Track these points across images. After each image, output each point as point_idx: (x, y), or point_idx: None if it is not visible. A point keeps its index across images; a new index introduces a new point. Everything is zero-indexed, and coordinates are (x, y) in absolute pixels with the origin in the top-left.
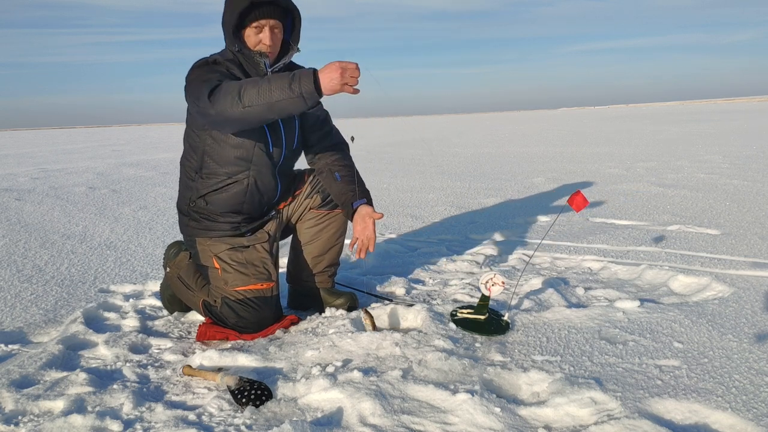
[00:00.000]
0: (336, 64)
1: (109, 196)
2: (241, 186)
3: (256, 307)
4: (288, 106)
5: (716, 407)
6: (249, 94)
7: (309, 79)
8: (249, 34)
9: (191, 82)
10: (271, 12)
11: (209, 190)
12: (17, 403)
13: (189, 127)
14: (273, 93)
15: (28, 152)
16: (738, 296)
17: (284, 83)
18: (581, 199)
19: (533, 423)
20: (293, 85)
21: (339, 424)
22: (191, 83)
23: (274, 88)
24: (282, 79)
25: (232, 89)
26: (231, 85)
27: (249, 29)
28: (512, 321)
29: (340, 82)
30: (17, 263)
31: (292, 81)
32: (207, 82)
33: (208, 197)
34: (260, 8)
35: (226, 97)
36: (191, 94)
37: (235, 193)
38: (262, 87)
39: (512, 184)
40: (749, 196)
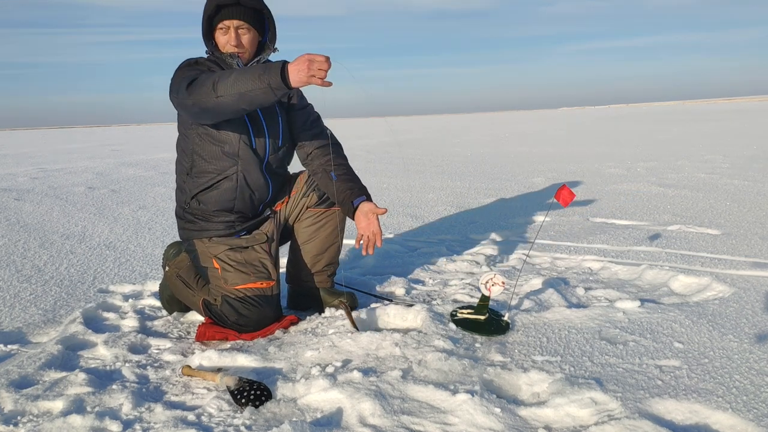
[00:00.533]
0: (304, 57)
1: (109, 196)
2: (231, 182)
3: (256, 305)
4: (258, 96)
5: (717, 407)
6: (222, 84)
7: (277, 71)
8: (218, 36)
9: (174, 80)
10: (236, 13)
11: (200, 189)
12: (16, 403)
13: (179, 130)
14: (245, 84)
15: (27, 152)
16: (738, 296)
17: (255, 74)
18: (567, 193)
19: (533, 423)
20: (263, 77)
21: (339, 425)
22: (174, 81)
23: (245, 79)
24: (254, 70)
25: (208, 80)
26: (208, 76)
27: (217, 31)
28: (512, 321)
29: (307, 74)
30: (16, 263)
31: (262, 73)
32: (187, 77)
33: (200, 196)
34: (225, 10)
35: (202, 87)
36: (172, 90)
37: (225, 190)
38: (236, 78)
39: (512, 184)
40: (750, 196)
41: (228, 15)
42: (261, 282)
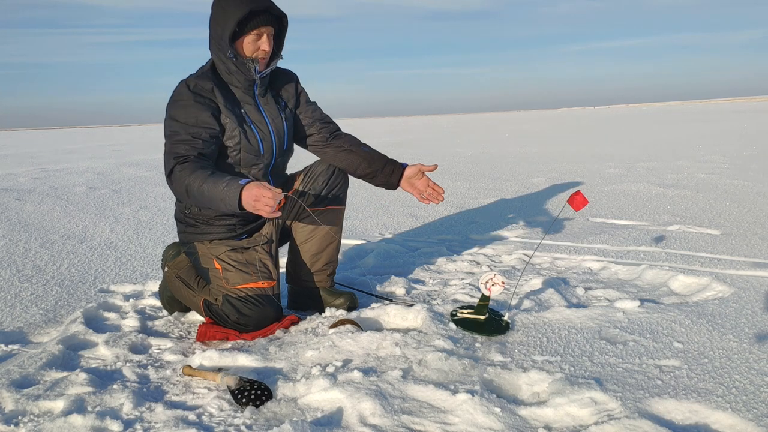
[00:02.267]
0: (256, 190)
1: (110, 196)
2: None
3: (257, 304)
4: (223, 210)
5: (716, 407)
6: (194, 194)
7: (234, 197)
8: (248, 41)
9: (165, 128)
10: (269, 19)
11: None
12: (17, 403)
13: None
14: (212, 202)
15: (28, 152)
16: (738, 296)
17: (217, 194)
18: (581, 199)
19: (533, 423)
20: (223, 200)
21: (339, 424)
22: (165, 130)
23: (212, 197)
24: (217, 190)
25: (182, 182)
26: (183, 176)
27: (248, 36)
28: (512, 321)
29: (254, 207)
30: (17, 263)
31: (223, 197)
32: (173, 145)
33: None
34: (261, 17)
35: (179, 188)
36: (164, 151)
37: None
38: (203, 193)
39: (512, 184)
40: (749, 196)
41: (265, 21)
42: (262, 282)
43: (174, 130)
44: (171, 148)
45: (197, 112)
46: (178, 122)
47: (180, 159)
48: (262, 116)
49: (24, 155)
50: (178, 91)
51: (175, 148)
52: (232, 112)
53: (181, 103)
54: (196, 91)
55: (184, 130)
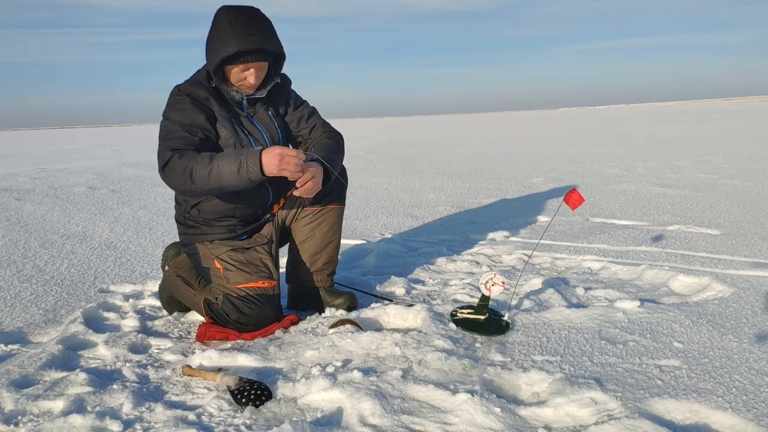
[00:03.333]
0: (276, 151)
1: (109, 196)
2: (231, 196)
3: (258, 304)
4: (236, 186)
5: (716, 407)
6: (200, 176)
7: (256, 163)
8: (235, 71)
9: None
10: (258, 56)
11: (201, 199)
12: (17, 403)
13: None
14: (222, 177)
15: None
16: (738, 296)
17: (233, 167)
18: (577, 197)
19: (533, 423)
20: (241, 170)
21: (339, 424)
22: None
23: (223, 172)
24: (230, 161)
25: (185, 168)
26: (183, 161)
27: (235, 67)
28: (512, 321)
29: (278, 167)
30: (17, 263)
31: (240, 166)
32: (169, 141)
33: (200, 206)
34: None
35: (179, 176)
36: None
37: (224, 199)
38: (212, 170)
39: (512, 184)
40: (750, 196)
41: (252, 59)
42: (263, 281)
43: (169, 129)
44: (166, 144)
45: (193, 114)
46: (173, 122)
47: (177, 150)
48: (255, 127)
49: (24, 155)
50: (173, 95)
51: (171, 143)
52: (228, 121)
53: (177, 107)
54: (191, 96)
55: (180, 128)
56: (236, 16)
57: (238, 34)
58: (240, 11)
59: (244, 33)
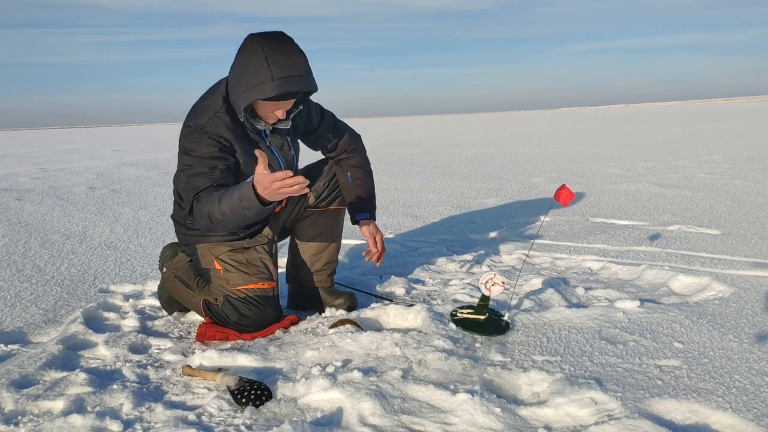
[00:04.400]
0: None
1: (109, 196)
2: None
3: (258, 305)
4: (252, 218)
5: (717, 407)
6: (217, 220)
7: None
8: (263, 105)
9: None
10: (294, 94)
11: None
12: (17, 403)
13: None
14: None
15: (28, 152)
16: (738, 296)
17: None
18: (567, 193)
19: (533, 423)
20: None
21: (339, 425)
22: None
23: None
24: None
25: (204, 213)
26: (200, 205)
27: (265, 103)
28: (512, 321)
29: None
30: (17, 263)
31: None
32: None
33: None
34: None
35: (201, 221)
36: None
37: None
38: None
39: (512, 184)
40: (750, 196)
41: (288, 96)
42: (262, 283)
43: (189, 163)
44: (188, 182)
45: (212, 147)
46: (193, 156)
47: (200, 193)
48: (274, 156)
49: (24, 155)
50: (192, 125)
51: (193, 181)
52: (248, 156)
53: (195, 137)
54: (210, 130)
55: (200, 162)
56: (272, 52)
57: (277, 75)
58: (275, 46)
59: (283, 75)
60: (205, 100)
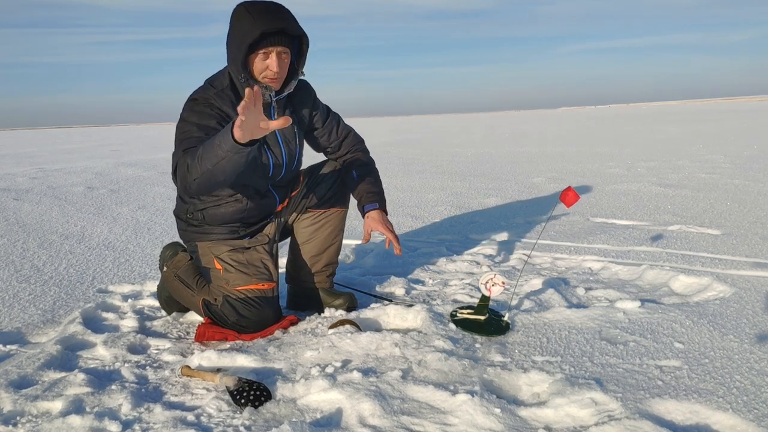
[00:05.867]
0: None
1: (108, 196)
2: (240, 204)
3: (257, 306)
4: (225, 165)
5: (717, 408)
6: (196, 171)
7: (226, 134)
8: (256, 61)
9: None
10: (280, 39)
11: (207, 206)
12: (15, 403)
13: None
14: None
15: (26, 152)
16: (739, 296)
17: (212, 149)
18: (572, 195)
19: (533, 424)
20: (218, 149)
21: (338, 425)
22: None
23: (205, 159)
24: (208, 144)
25: (183, 166)
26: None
27: (257, 56)
28: (512, 321)
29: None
30: (15, 263)
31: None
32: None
33: (206, 212)
34: (272, 37)
35: (182, 176)
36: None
37: (233, 210)
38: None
39: (512, 184)
40: (750, 196)
41: (274, 42)
42: (262, 284)
43: (186, 129)
44: (180, 145)
45: (212, 120)
46: (191, 123)
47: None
48: (277, 140)
49: (22, 155)
50: (198, 97)
51: (184, 144)
52: None
53: (198, 108)
54: (215, 103)
55: (197, 128)
56: (254, 7)
57: (258, 18)
58: (258, 4)
59: (264, 17)
60: (211, 80)
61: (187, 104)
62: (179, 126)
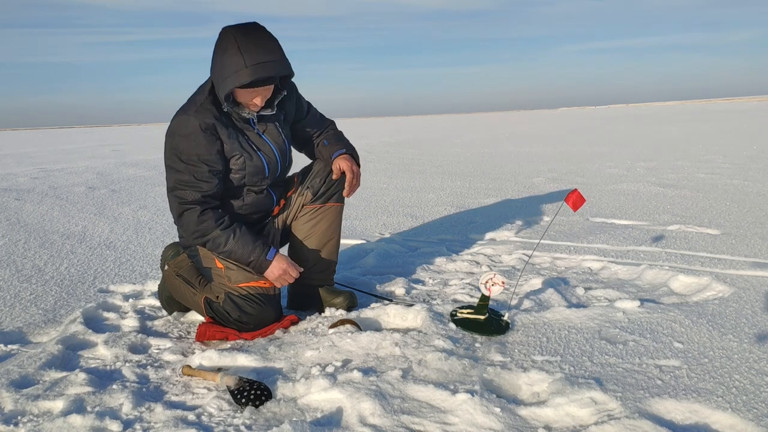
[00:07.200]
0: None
1: (109, 196)
2: (238, 202)
3: (259, 303)
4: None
5: (716, 407)
6: (212, 248)
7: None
8: (243, 92)
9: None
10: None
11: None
12: (17, 403)
13: None
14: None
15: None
16: (738, 296)
17: (243, 259)
18: (578, 198)
19: (533, 423)
20: (250, 264)
21: (339, 425)
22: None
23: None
24: (244, 254)
25: (200, 234)
26: (201, 227)
27: (243, 90)
28: (512, 321)
29: (275, 280)
30: (17, 263)
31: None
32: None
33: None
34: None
35: (190, 235)
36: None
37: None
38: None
39: (512, 184)
40: (749, 196)
41: (265, 84)
42: (264, 281)
43: (176, 168)
44: (175, 191)
45: (199, 148)
46: (180, 160)
47: (188, 206)
48: (264, 141)
49: (23, 155)
50: (179, 123)
51: (181, 192)
52: (236, 141)
53: (183, 133)
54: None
55: (187, 170)
56: (245, 40)
57: (249, 62)
58: (247, 34)
59: (255, 61)
60: (193, 96)
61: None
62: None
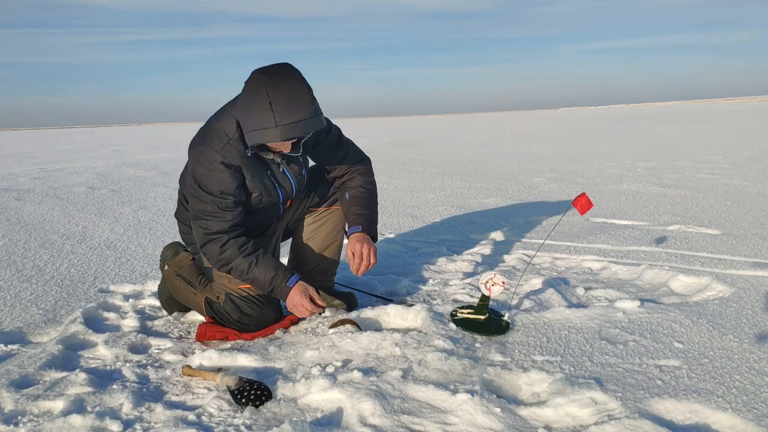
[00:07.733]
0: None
1: (109, 196)
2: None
3: (259, 304)
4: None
5: (717, 407)
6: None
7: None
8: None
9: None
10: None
11: None
12: (17, 403)
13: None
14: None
15: (28, 152)
16: (738, 296)
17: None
18: (585, 201)
19: (533, 423)
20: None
21: (339, 425)
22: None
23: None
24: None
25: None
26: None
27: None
28: (512, 321)
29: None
30: (17, 263)
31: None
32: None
33: None
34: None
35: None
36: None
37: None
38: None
39: (512, 184)
40: (750, 196)
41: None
42: None
43: (199, 197)
44: (200, 221)
45: (223, 185)
46: (204, 191)
47: (212, 236)
48: (286, 176)
49: (23, 155)
50: (204, 156)
51: (205, 222)
52: (259, 181)
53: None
54: (222, 159)
55: (212, 202)
56: (276, 94)
57: (280, 121)
58: (279, 86)
59: (286, 120)
60: (218, 121)
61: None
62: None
